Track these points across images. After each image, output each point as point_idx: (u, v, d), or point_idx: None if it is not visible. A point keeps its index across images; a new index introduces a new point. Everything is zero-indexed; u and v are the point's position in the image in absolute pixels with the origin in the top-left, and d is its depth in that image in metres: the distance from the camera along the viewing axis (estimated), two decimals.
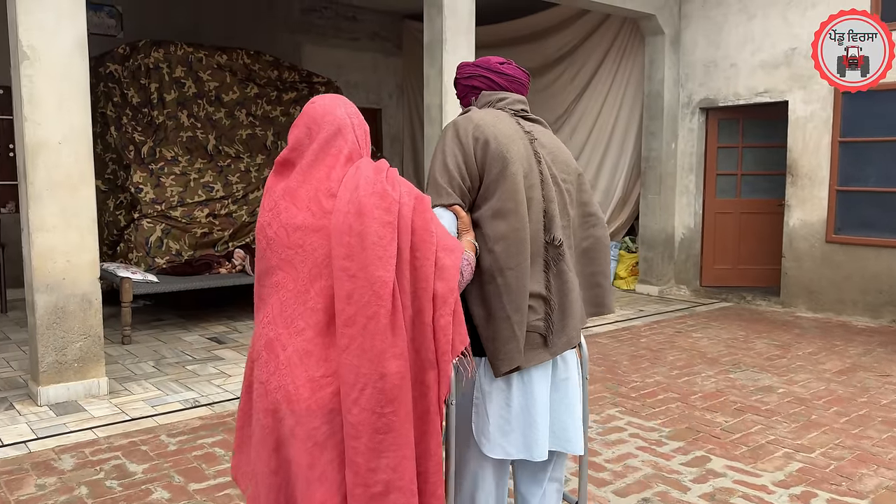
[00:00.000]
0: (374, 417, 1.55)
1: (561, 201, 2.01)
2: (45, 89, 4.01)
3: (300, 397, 1.59)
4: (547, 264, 1.95)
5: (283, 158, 1.74)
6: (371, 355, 1.56)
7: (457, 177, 1.91)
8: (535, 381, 1.95)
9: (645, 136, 7.91)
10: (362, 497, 1.57)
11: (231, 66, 7.17)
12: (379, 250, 1.57)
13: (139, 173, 6.53)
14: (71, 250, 4.15)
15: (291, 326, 1.64)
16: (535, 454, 1.96)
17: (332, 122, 1.69)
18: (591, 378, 4.75)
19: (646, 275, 8.01)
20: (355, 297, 1.57)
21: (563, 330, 1.95)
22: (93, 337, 4.28)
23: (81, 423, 3.83)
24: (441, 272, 1.64)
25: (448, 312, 1.63)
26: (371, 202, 1.60)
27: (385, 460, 1.56)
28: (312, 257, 1.63)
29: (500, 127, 1.97)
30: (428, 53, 5.87)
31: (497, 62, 2.15)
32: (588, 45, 8.31)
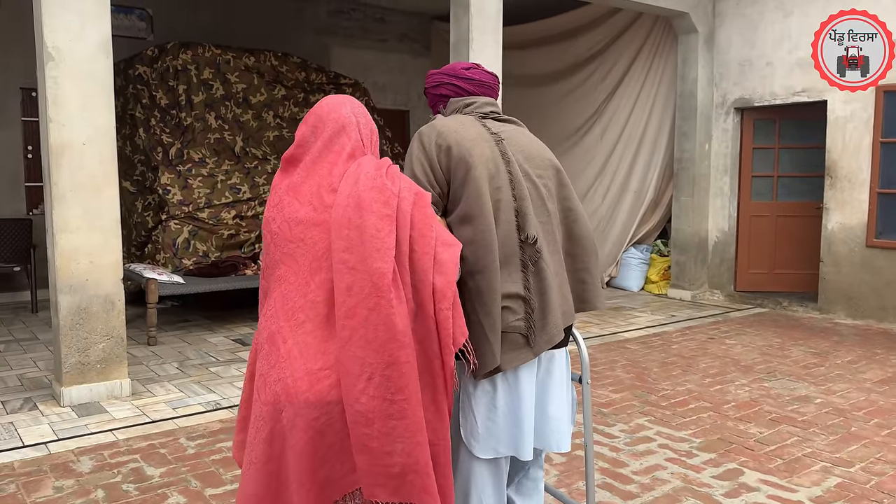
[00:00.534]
0: (385, 404, 1.59)
1: (538, 198, 2.01)
2: (70, 90, 4.01)
3: (298, 389, 1.62)
4: (524, 264, 1.94)
5: (289, 155, 1.77)
6: (376, 345, 1.59)
7: (426, 184, 1.94)
8: (522, 380, 1.95)
9: (678, 136, 7.72)
10: (382, 475, 1.62)
11: (259, 67, 7.18)
12: (377, 242, 1.61)
13: (167, 175, 6.56)
14: (94, 251, 4.15)
15: (292, 319, 1.67)
16: (521, 453, 1.97)
17: (336, 121, 1.74)
18: (620, 385, 4.62)
19: (678, 279, 7.82)
20: (355, 289, 1.60)
21: (544, 329, 1.94)
22: (115, 338, 4.27)
23: (102, 424, 3.82)
24: (440, 266, 1.67)
25: (447, 306, 1.67)
26: (370, 196, 1.64)
27: (400, 445, 1.61)
28: (313, 251, 1.67)
29: (462, 132, 1.98)
30: (455, 53, 5.78)
31: (462, 68, 2.16)
32: (619, 45, 8.15)
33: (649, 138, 8.08)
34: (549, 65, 8.72)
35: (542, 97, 8.83)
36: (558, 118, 8.75)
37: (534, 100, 8.84)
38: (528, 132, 2.17)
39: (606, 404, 4.22)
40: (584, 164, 8.57)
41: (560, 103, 8.72)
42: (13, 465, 3.29)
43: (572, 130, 8.67)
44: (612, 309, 7.16)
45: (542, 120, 8.83)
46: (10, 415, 3.97)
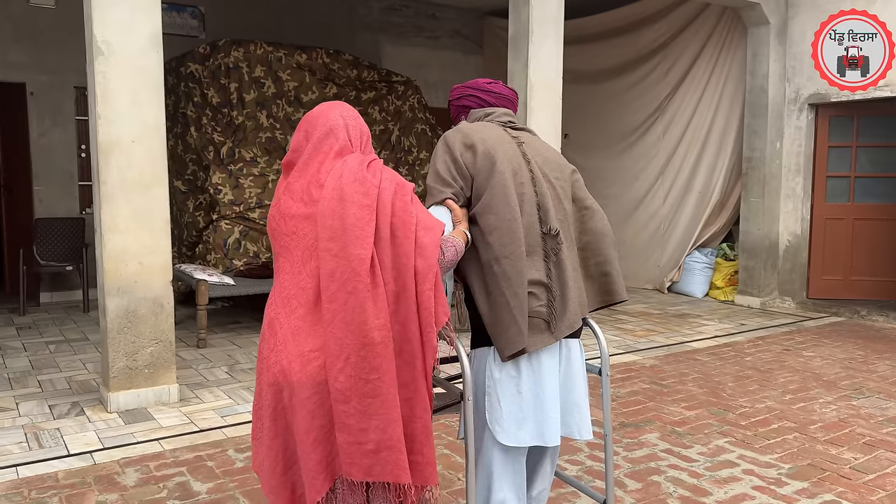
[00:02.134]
0: (360, 383, 1.71)
1: (555, 197, 2.13)
2: (119, 86, 3.89)
3: (292, 370, 1.76)
4: (546, 254, 2.06)
5: (287, 160, 1.92)
6: (353, 327, 1.71)
7: (448, 179, 2.08)
8: (545, 365, 2.04)
9: (747, 134, 7.29)
10: (357, 453, 1.73)
11: (311, 65, 7.03)
12: (357, 231, 1.73)
13: (218, 174, 6.46)
14: (143, 252, 4.02)
15: (287, 306, 1.81)
16: (547, 440, 2.04)
17: (324, 124, 1.88)
18: (693, 401, 4.28)
19: (746, 285, 7.39)
20: (337, 274, 1.73)
21: (564, 315, 2.04)
22: (164, 342, 4.13)
23: (149, 433, 3.68)
24: (421, 250, 1.78)
25: (429, 287, 1.77)
26: (352, 188, 1.77)
27: (374, 421, 1.72)
28: (304, 242, 1.81)
29: (486, 133, 2.14)
30: (513, 46, 5.52)
31: (485, 83, 2.33)
32: (683, 38, 7.76)
33: (715, 136, 7.67)
34: (608, 60, 8.36)
35: (600, 94, 8.48)
36: (617, 115, 8.39)
37: (591, 97, 8.50)
38: (542, 140, 2.31)
39: (680, 423, 3.90)
40: (644, 164, 8.20)
41: (619, 100, 8.36)
42: (57, 476, 3.15)
43: (632, 128, 8.30)
44: (676, 316, 6.79)
45: (600, 117, 8.50)
46: (58, 420, 3.86)
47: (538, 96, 5.43)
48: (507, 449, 2.09)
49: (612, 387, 4.52)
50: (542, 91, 5.44)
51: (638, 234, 8.32)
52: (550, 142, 5.53)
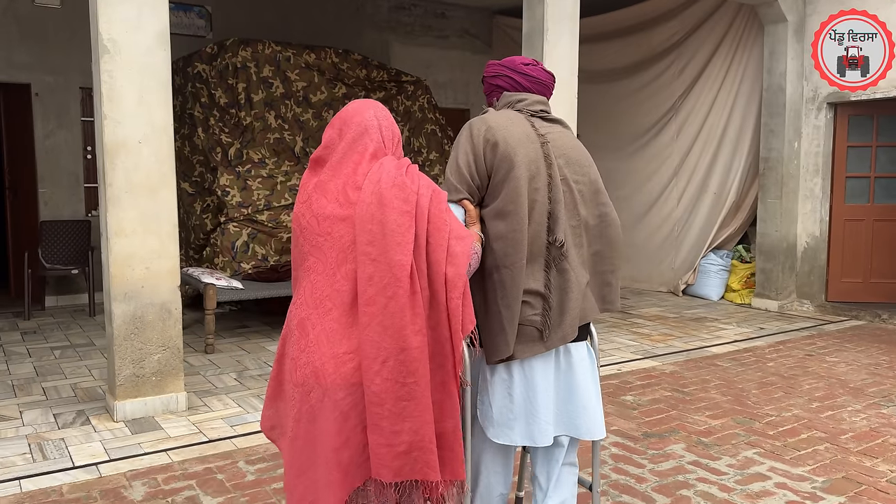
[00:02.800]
0: (396, 387, 1.72)
1: (571, 202, 2.09)
2: (125, 85, 3.77)
3: (326, 372, 1.75)
4: (548, 264, 2.03)
5: (317, 156, 1.90)
6: (392, 332, 1.72)
7: (466, 175, 2.03)
8: (537, 371, 2.04)
9: (764, 134, 7.14)
10: (388, 455, 1.74)
11: (319, 65, 6.91)
12: (398, 237, 1.74)
13: (226, 176, 6.34)
14: (150, 257, 3.90)
15: (320, 307, 1.80)
16: (538, 441, 2.04)
17: (359, 123, 1.86)
18: (717, 409, 4.14)
19: (763, 288, 7.23)
20: (376, 279, 1.73)
21: (559, 326, 2.02)
22: (172, 349, 4.02)
23: (156, 443, 3.56)
24: (452, 258, 1.79)
25: (458, 295, 1.79)
26: (391, 193, 1.76)
27: (408, 424, 1.73)
28: (339, 244, 1.79)
29: (511, 129, 2.06)
30: (527, 43, 5.39)
31: (522, 63, 2.21)
32: (698, 36, 7.61)
33: (731, 136, 7.52)
34: (620, 59, 8.22)
35: (611, 93, 8.34)
36: (630, 115, 8.25)
37: (603, 96, 8.35)
38: (573, 136, 2.22)
39: (706, 432, 3.76)
40: (657, 164, 8.05)
41: (632, 100, 8.22)
42: (62, 490, 3.03)
43: (645, 128, 8.16)
44: (692, 320, 6.64)
45: (611, 117, 8.36)
46: (62, 429, 3.75)
47: (553, 95, 5.27)
48: (497, 446, 2.15)
49: (633, 395, 4.38)
50: (557, 90, 5.27)
51: (651, 236, 8.17)
52: None
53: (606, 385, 4.56)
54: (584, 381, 2.11)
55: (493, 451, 2.16)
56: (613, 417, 3.96)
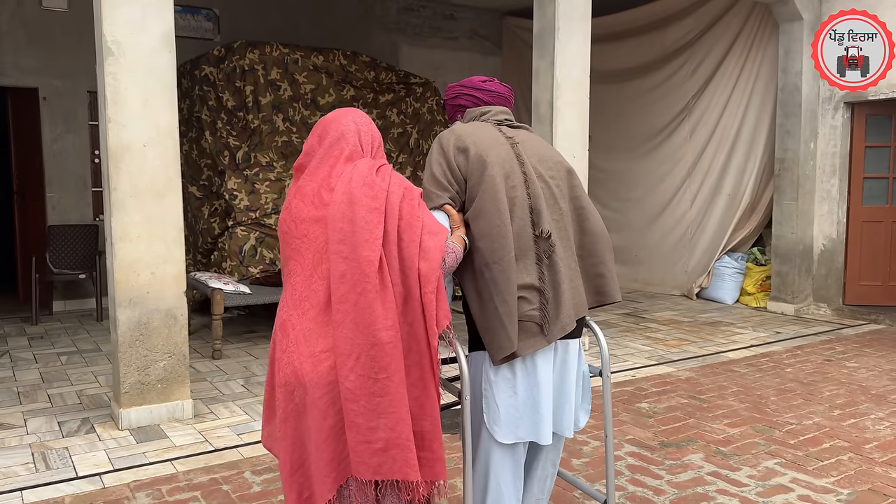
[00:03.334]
0: (369, 382, 1.74)
1: (550, 197, 2.13)
2: (130, 88, 3.71)
3: (304, 371, 1.79)
4: (539, 257, 2.05)
5: (298, 163, 1.96)
6: (363, 327, 1.75)
7: (444, 183, 2.08)
8: (539, 367, 2.05)
9: (779, 134, 7.02)
10: (365, 452, 1.75)
11: (327, 67, 6.84)
12: (366, 233, 1.78)
13: (233, 179, 6.29)
14: (155, 262, 3.84)
15: (299, 308, 1.84)
16: (542, 437, 2.06)
17: (336, 129, 1.92)
18: (735, 417, 4.03)
19: (779, 291, 7.10)
20: (347, 276, 1.77)
21: (557, 318, 2.04)
22: (177, 355, 3.95)
23: (161, 452, 3.48)
24: (425, 253, 1.82)
25: (431, 290, 1.80)
26: (361, 192, 1.81)
27: (383, 420, 1.74)
28: (315, 245, 1.84)
29: (479, 134, 2.13)
30: (538, 44, 5.30)
31: (479, 80, 2.31)
32: (711, 35, 7.49)
33: (745, 137, 7.39)
34: (632, 59, 8.11)
35: (623, 94, 8.23)
36: (642, 116, 8.14)
37: (614, 97, 8.25)
38: (541, 138, 2.30)
39: (724, 441, 3.65)
40: (670, 166, 7.94)
41: (644, 100, 8.10)
42: (64, 501, 2.97)
43: (657, 129, 8.05)
44: (707, 324, 6.52)
45: (623, 118, 8.25)
46: (66, 438, 3.68)
47: (565, 96, 5.20)
48: (505, 447, 2.13)
49: (648, 402, 4.28)
50: (568, 90, 5.21)
51: (664, 238, 8.05)
52: (577, 143, 5.31)
53: (621, 392, 4.46)
54: (572, 378, 2.16)
55: (501, 454, 2.13)
56: (629, 426, 3.86)
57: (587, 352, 5.29)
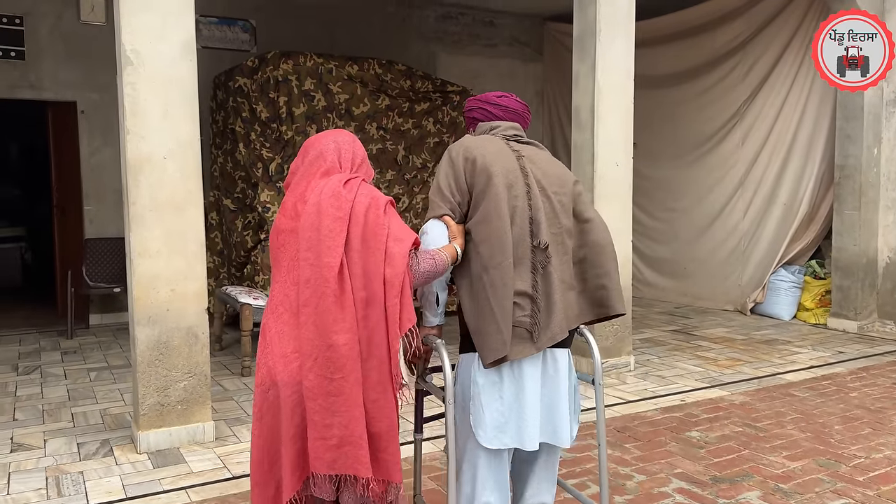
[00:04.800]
0: (325, 382, 1.85)
1: (551, 211, 2.18)
2: (150, 98, 3.59)
3: (277, 371, 1.91)
4: (535, 266, 2.11)
5: (286, 182, 2.12)
6: (321, 329, 1.87)
7: (447, 193, 2.16)
8: (526, 374, 2.10)
9: (839, 140, 6.58)
10: (321, 448, 1.87)
11: (362, 76, 6.69)
12: (329, 241, 1.90)
13: (266, 192, 6.17)
14: (176, 278, 3.70)
15: (275, 313, 1.97)
16: (526, 444, 2.09)
17: (317, 148, 2.06)
18: (796, 449, 3.68)
19: (840, 307, 6.64)
20: (312, 281, 1.89)
21: (548, 326, 2.09)
22: (199, 375, 3.79)
23: (178, 479, 3.32)
24: (390, 259, 1.92)
25: (395, 294, 1.90)
26: (328, 202, 1.93)
27: (338, 418, 1.84)
28: (289, 253, 1.98)
29: (487, 147, 2.21)
30: (578, 47, 5.03)
31: (495, 96, 2.38)
32: (765, 36, 7.10)
33: (801, 143, 6.97)
34: (679, 63, 7.75)
35: (669, 99, 7.86)
36: (690, 122, 7.77)
37: (660, 102, 7.88)
38: (549, 155, 2.33)
39: (784, 477, 3.31)
40: (721, 174, 7.54)
41: (692, 105, 7.73)
42: None
43: (706, 136, 7.67)
44: (762, 342, 6.12)
45: (669, 125, 7.89)
46: (83, 461, 3.55)
47: (607, 101, 4.92)
48: (491, 452, 2.16)
49: (699, 430, 3.95)
50: (610, 95, 4.93)
51: (715, 250, 7.65)
52: (620, 151, 5.02)
53: (668, 419, 4.14)
54: (564, 388, 2.18)
55: (487, 460, 2.17)
56: (677, 458, 3.55)
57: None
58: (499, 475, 2.18)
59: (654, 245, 8.29)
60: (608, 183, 4.99)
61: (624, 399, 4.53)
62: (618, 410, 4.30)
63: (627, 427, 4.00)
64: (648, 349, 5.86)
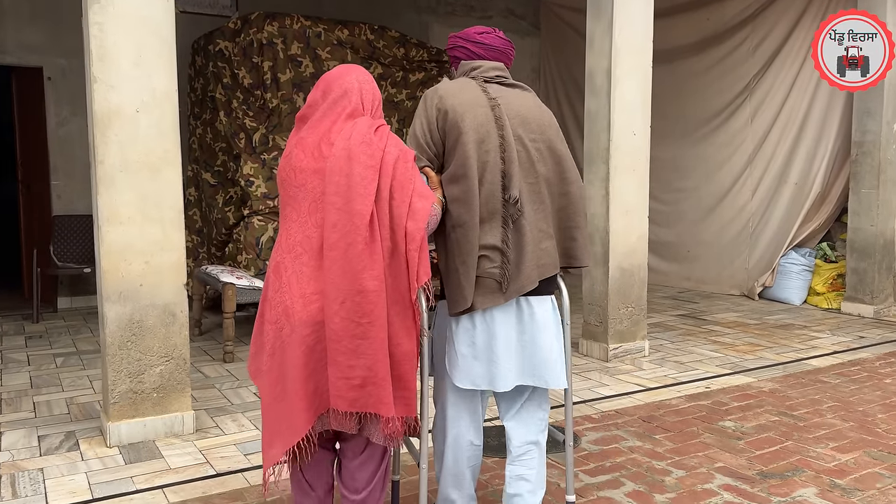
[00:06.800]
0: (352, 325, 1.91)
1: (527, 160, 2.20)
2: (120, 41, 3.14)
3: (294, 310, 1.94)
4: (505, 220, 2.15)
5: (301, 114, 2.10)
6: (350, 275, 1.90)
7: (423, 144, 2.19)
8: (497, 321, 2.17)
9: (856, 115, 6.26)
10: (344, 387, 1.93)
11: (353, 42, 6.24)
12: (361, 188, 1.92)
13: (250, 164, 5.71)
14: (150, 249, 3.26)
15: (292, 252, 1.99)
16: (498, 386, 2.18)
17: (341, 86, 2.05)
18: (842, 439, 3.33)
19: (855, 291, 6.34)
20: (339, 226, 1.92)
21: (517, 278, 2.15)
22: (176, 359, 3.36)
23: (152, 477, 2.89)
24: (413, 213, 1.97)
25: (415, 248, 1.97)
26: (359, 149, 1.95)
27: (363, 360, 1.92)
28: (312, 195, 1.98)
29: (460, 97, 2.18)
30: (592, 4, 4.63)
31: (476, 33, 2.31)
32: (777, 6, 6.74)
33: (815, 119, 6.64)
34: (685, 36, 7.38)
35: (675, 74, 7.48)
36: (696, 98, 7.41)
37: (665, 77, 7.44)
38: (534, 99, 2.30)
39: (838, 472, 2.96)
40: (729, 152, 7.20)
41: (700, 80, 7.37)
42: None
43: (714, 112, 7.32)
44: (777, 327, 5.80)
45: (677, 100, 7.51)
46: (44, 457, 3.11)
47: (624, 63, 4.53)
48: (464, 392, 2.25)
49: (732, 420, 3.60)
50: (629, 56, 4.54)
51: (721, 232, 7.32)
52: (638, 118, 4.64)
53: (697, 407, 3.78)
54: (547, 334, 2.21)
55: (458, 398, 2.26)
56: (715, 450, 3.18)
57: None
58: (472, 413, 2.29)
59: (656, 228, 7.89)
60: (624, 154, 4.61)
61: (644, 386, 4.17)
62: (639, 398, 3.94)
63: (653, 416, 3.64)
64: (660, 334, 5.51)
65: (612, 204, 4.61)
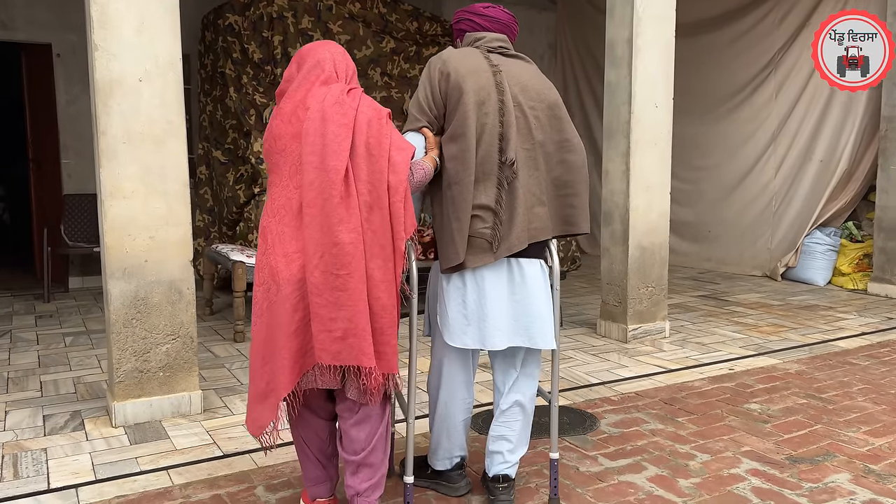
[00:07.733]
0: (331, 278, 1.95)
1: (525, 127, 2.27)
2: (122, 7, 3.02)
3: (278, 270, 2.00)
4: (500, 182, 2.22)
5: (280, 90, 2.18)
6: (326, 229, 1.96)
7: (424, 106, 2.27)
8: (487, 280, 2.24)
9: (886, 88, 6.03)
10: (327, 340, 1.97)
11: (365, 16, 6.10)
12: (335, 146, 1.98)
13: (261, 141, 5.59)
14: (155, 223, 3.15)
15: (276, 215, 2.05)
16: (487, 345, 2.25)
17: (313, 57, 2.14)
18: (875, 423, 3.18)
19: (882, 271, 6.14)
20: (316, 183, 1.98)
21: (507, 238, 2.22)
22: (183, 338, 3.27)
23: (158, 458, 2.81)
24: (393, 166, 2.03)
25: (399, 199, 2.02)
26: (333, 110, 2.02)
27: (343, 312, 1.95)
28: (291, 159, 2.04)
29: (464, 62, 2.26)
30: None
31: (482, 7, 2.41)
32: None
33: (842, 93, 6.41)
34: (709, 8, 7.15)
35: (699, 48, 7.25)
36: (718, 73, 7.19)
37: (686, 52, 7.17)
38: (534, 69, 2.37)
39: (872, 457, 2.83)
40: (753, 128, 6.99)
41: (721, 55, 7.15)
42: None
43: (737, 88, 7.10)
44: (802, 308, 5.63)
45: (697, 76, 7.28)
46: (48, 437, 3.04)
47: (646, 32, 4.35)
48: (456, 350, 2.33)
49: (758, 402, 3.46)
50: (651, 26, 4.37)
51: (744, 211, 7.13)
52: (661, 89, 4.48)
53: (721, 389, 3.65)
54: (536, 295, 2.26)
55: (451, 356, 2.35)
56: (741, 434, 3.05)
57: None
58: (464, 370, 2.38)
59: (676, 208, 7.63)
60: (646, 127, 4.44)
61: (665, 367, 4.03)
62: (660, 380, 3.81)
63: (675, 399, 3.51)
64: (680, 315, 5.36)
65: (632, 180, 4.45)
